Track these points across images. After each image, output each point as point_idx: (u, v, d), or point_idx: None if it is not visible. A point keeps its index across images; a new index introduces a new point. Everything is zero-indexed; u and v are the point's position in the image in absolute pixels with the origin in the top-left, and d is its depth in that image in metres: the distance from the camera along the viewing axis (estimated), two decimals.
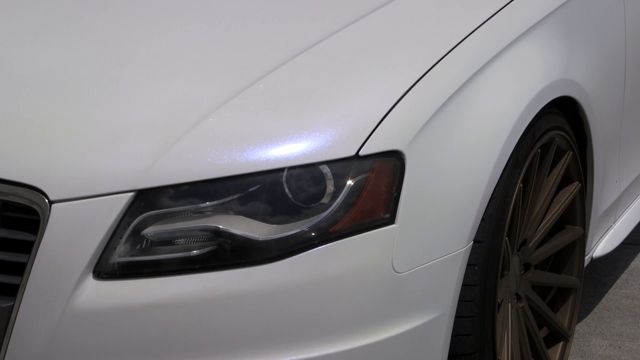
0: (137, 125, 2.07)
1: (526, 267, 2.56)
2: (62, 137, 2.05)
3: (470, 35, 2.33)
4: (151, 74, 2.24)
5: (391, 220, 2.06)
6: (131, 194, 1.98)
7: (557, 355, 2.71)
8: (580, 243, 2.74)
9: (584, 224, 2.74)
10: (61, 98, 2.16)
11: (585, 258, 2.81)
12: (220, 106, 2.09)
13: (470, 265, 2.21)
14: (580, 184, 2.67)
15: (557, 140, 2.51)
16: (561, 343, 2.73)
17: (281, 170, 2.02)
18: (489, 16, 2.41)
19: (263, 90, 2.13)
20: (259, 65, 2.21)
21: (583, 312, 3.21)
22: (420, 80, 2.17)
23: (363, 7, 2.42)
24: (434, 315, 2.14)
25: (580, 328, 3.11)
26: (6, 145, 2.04)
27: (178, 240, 2.00)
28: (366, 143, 2.05)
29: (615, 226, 3.10)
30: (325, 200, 2.03)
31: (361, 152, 2.04)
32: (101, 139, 2.04)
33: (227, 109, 2.09)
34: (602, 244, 3.00)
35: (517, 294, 2.53)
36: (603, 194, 2.87)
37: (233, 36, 2.37)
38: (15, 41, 2.44)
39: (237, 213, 2.01)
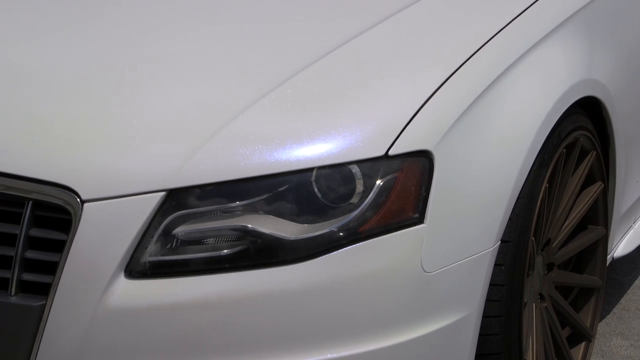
0: (167, 126, 2.08)
1: (549, 267, 2.57)
2: (93, 137, 2.05)
3: (496, 36, 2.33)
4: (177, 74, 2.24)
5: (420, 220, 2.06)
6: (162, 193, 1.98)
7: (580, 356, 2.71)
8: (602, 243, 2.75)
9: (607, 224, 2.74)
10: (89, 98, 2.17)
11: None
12: (249, 106, 2.10)
13: (497, 265, 2.21)
14: (603, 184, 2.67)
15: (581, 140, 2.52)
16: (584, 343, 2.73)
17: (310, 170, 2.02)
18: (514, 17, 2.41)
19: (291, 91, 2.14)
20: (286, 66, 2.21)
21: (603, 312, 3.21)
22: (448, 81, 2.18)
23: (388, 8, 2.42)
24: (462, 314, 2.14)
25: (600, 328, 3.11)
26: (37, 146, 2.05)
27: (208, 240, 2.01)
28: (395, 143, 2.05)
29: (635, 226, 3.10)
30: (354, 200, 2.04)
31: (390, 152, 2.05)
32: (131, 139, 2.05)
33: (256, 110, 2.09)
34: (623, 244, 3.01)
35: (540, 294, 2.53)
36: (624, 194, 2.88)
37: (258, 37, 2.38)
38: (37, 42, 2.43)
39: (267, 213, 2.02)
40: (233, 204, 2.01)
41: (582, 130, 2.51)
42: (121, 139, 2.05)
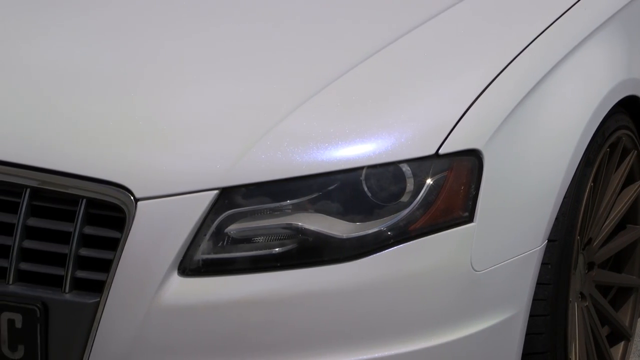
0: (217, 125, 2.08)
1: (590, 266, 2.57)
2: (145, 136, 2.06)
3: (540, 36, 2.34)
4: (224, 73, 2.25)
5: (470, 219, 2.07)
6: (215, 192, 1.99)
7: (619, 355, 2.72)
8: None
9: None
10: (139, 98, 2.17)
11: None
12: (299, 106, 2.10)
13: (544, 263, 2.22)
14: None
15: (624, 139, 2.53)
16: (622, 342, 2.74)
17: (360, 168, 2.03)
18: (557, 16, 2.42)
19: (340, 90, 2.14)
20: (334, 66, 2.21)
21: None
22: (495, 80, 2.18)
23: (434, 8, 2.42)
24: (510, 313, 2.15)
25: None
26: (91, 145, 2.05)
27: (259, 238, 2.01)
28: (445, 142, 2.06)
29: None
30: (404, 198, 2.04)
31: (440, 151, 2.05)
32: (183, 138, 2.05)
33: (306, 109, 2.10)
34: None
35: (581, 293, 2.53)
36: None
37: (305, 36, 2.38)
38: (83, 41, 2.43)
39: (317, 211, 2.02)
40: (284, 203, 2.02)
41: (624, 130, 2.52)
42: (173, 138, 2.05)
